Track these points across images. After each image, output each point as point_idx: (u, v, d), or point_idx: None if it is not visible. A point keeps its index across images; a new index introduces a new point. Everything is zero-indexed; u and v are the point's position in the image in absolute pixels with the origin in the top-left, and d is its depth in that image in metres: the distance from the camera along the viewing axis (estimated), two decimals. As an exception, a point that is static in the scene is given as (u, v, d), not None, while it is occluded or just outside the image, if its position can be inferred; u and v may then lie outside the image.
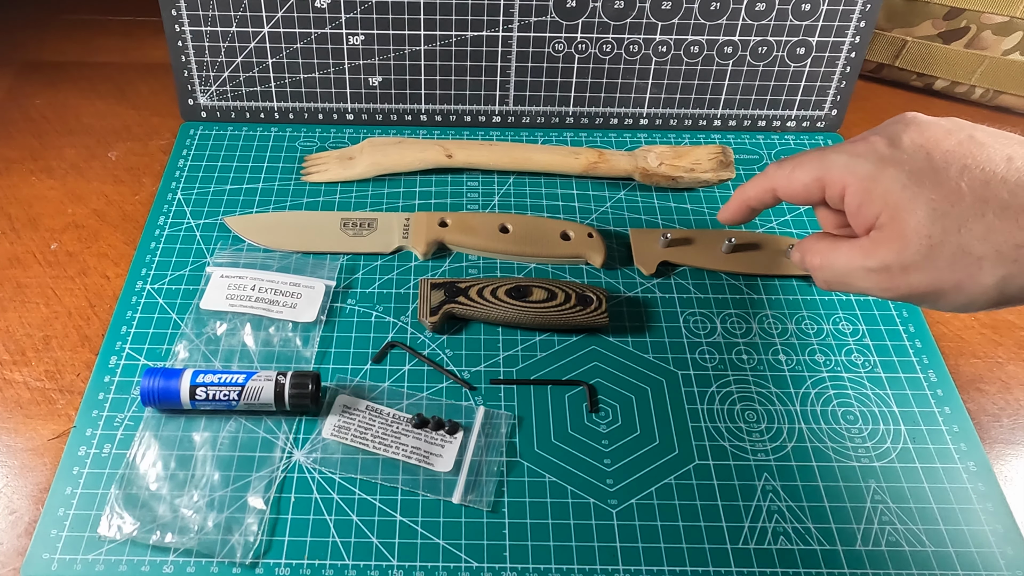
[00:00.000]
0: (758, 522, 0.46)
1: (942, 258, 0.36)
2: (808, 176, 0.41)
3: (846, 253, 0.40)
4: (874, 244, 0.38)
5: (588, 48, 0.65)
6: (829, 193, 0.40)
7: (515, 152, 0.64)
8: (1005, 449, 0.50)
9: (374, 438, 0.48)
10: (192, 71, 0.66)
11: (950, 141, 0.37)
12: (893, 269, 0.37)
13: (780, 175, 0.43)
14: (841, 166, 0.39)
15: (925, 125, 0.39)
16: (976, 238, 0.35)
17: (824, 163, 0.40)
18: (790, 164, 0.42)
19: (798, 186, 0.42)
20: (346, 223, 0.60)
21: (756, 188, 0.45)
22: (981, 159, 0.36)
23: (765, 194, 0.44)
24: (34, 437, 0.49)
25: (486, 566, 0.44)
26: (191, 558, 0.43)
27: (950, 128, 0.38)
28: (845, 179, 0.39)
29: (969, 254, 0.35)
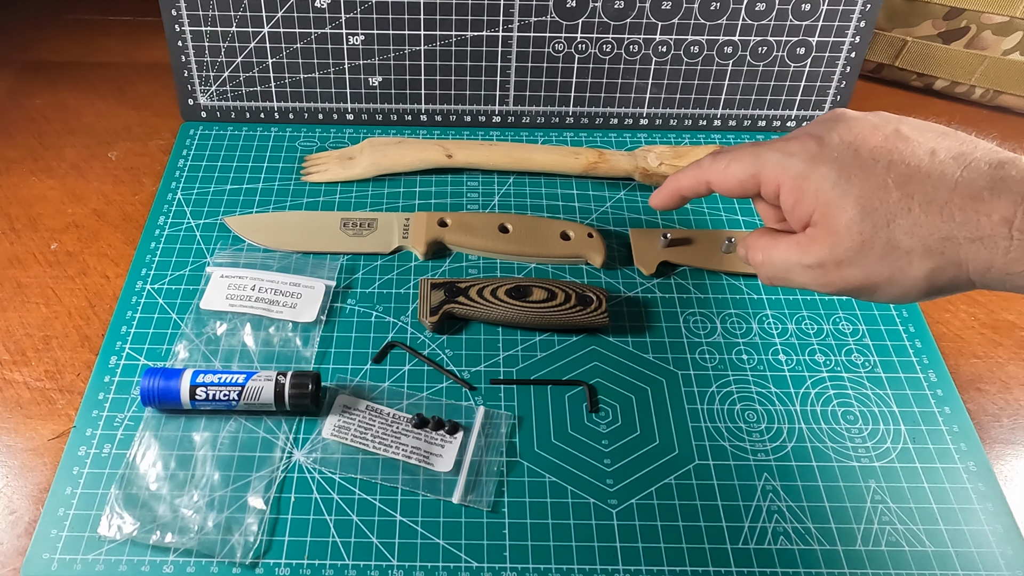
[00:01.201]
0: (758, 522, 0.46)
1: (873, 253, 0.37)
2: (743, 172, 0.41)
3: (784, 249, 0.40)
4: (809, 241, 0.39)
5: (588, 48, 0.65)
6: (764, 190, 0.41)
7: (515, 152, 0.64)
8: (1005, 449, 0.50)
9: (374, 438, 0.48)
10: (192, 71, 0.66)
11: (877, 137, 0.38)
12: (828, 265, 0.38)
13: (715, 169, 0.43)
14: (775, 164, 0.40)
15: (853, 121, 0.39)
16: (904, 232, 0.36)
17: (759, 160, 0.41)
18: (725, 159, 0.42)
19: (733, 182, 0.42)
20: (346, 223, 0.60)
21: (690, 179, 0.45)
22: (906, 154, 0.37)
23: (699, 186, 0.44)
24: (34, 437, 0.49)
25: (486, 566, 0.44)
26: (191, 558, 0.43)
27: (877, 123, 0.39)
28: (779, 177, 0.40)
29: (898, 248, 0.36)
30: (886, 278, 0.37)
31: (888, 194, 0.36)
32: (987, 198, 0.34)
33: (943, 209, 0.35)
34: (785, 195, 0.40)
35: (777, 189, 0.40)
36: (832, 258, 0.38)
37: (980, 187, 0.35)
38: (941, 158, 0.36)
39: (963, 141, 0.37)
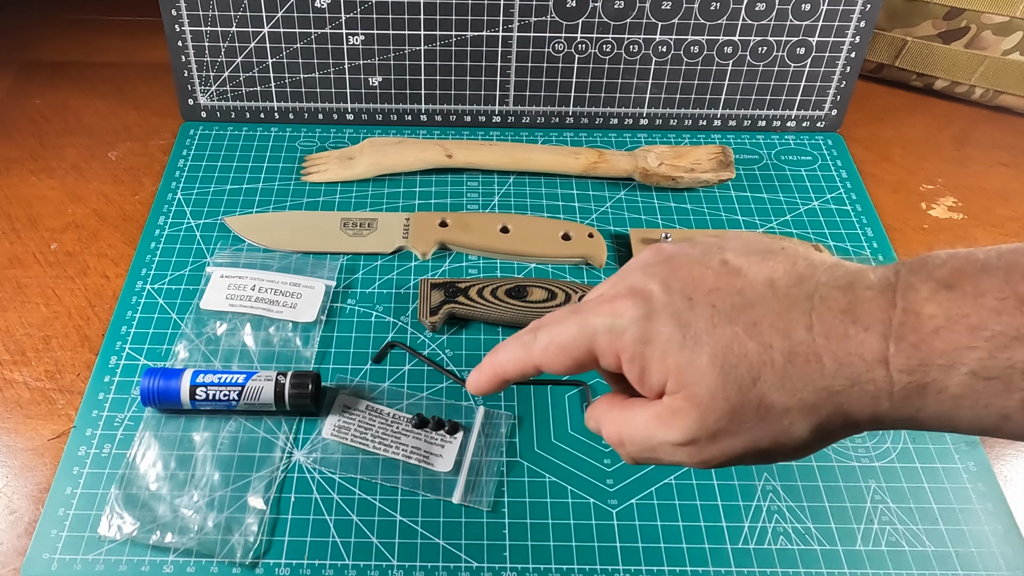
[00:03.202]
0: (758, 522, 0.46)
1: (748, 418, 0.31)
2: (575, 349, 0.34)
3: (644, 425, 0.34)
4: (671, 415, 0.33)
5: (588, 48, 0.65)
6: (603, 362, 0.34)
7: (515, 152, 0.64)
8: (1005, 449, 0.50)
9: (374, 438, 0.48)
10: (192, 71, 0.66)
11: (707, 277, 0.33)
12: (701, 440, 0.32)
13: (538, 350, 0.36)
14: (606, 331, 0.33)
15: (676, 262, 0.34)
16: (774, 389, 0.31)
17: (586, 330, 0.34)
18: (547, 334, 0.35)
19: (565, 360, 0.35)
20: (346, 223, 0.60)
21: (515, 364, 0.37)
22: (746, 292, 0.32)
23: (526, 370, 0.37)
24: (34, 437, 0.49)
25: (486, 566, 0.44)
26: (191, 558, 0.43)
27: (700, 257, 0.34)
28: (615, 346, 0.33)
29: (773, 408, 0.31)
30: (771, 441, 0.32)
31: (744, 346, 0.31)
32: (852, 335, 0.29)
33: (809, 357, 0.30)
34: (628, 365, 0.33)
35: (617, 359, 0.34)
36: (704, 432, 0.32)
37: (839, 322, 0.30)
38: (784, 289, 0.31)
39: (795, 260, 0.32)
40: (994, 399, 0.28)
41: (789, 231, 0.61)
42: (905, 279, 0.30)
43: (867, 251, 0.60)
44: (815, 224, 0.62)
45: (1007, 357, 0.27)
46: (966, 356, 0.28)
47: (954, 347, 0.28)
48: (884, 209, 0.64)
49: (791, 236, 0.60)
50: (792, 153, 0.67)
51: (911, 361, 0.29)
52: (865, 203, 0.63)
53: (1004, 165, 0.68)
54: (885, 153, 0.69)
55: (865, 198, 0.64)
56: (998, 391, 0.28)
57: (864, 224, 0.62)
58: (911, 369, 0.29)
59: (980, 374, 0.28)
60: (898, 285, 0.30)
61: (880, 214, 0.63)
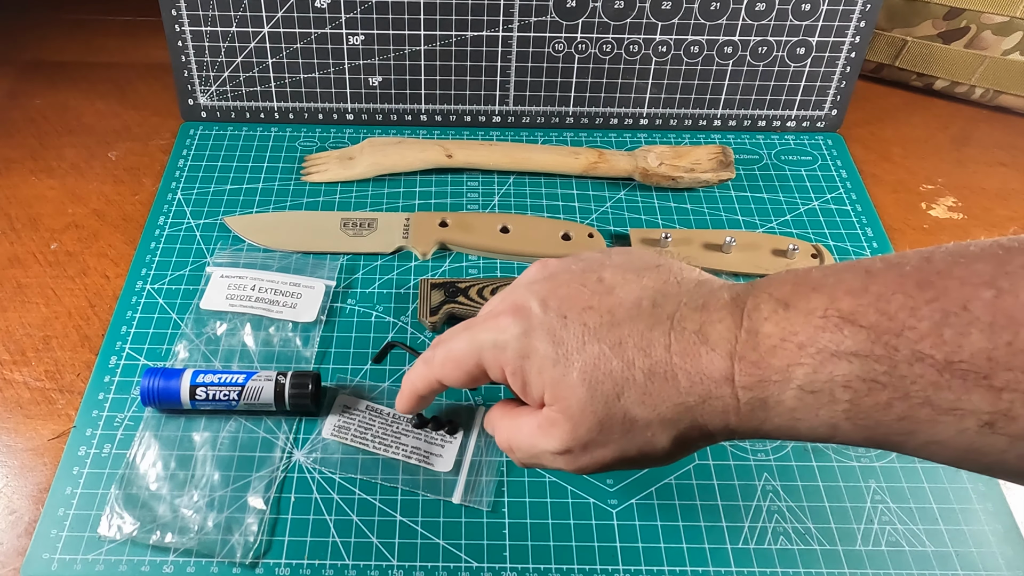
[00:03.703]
0: (758, 522, 0.46)
1: (615, 430, 0.34)
2: (467, 362, 0.37)
3: (528, 434, 0.37)
4: (549, 424, 0.35)
5: (588, 48, 0.65)
6: (492, 375, 0.37)
7: (515, 152, 0.64)
8: (1005, 449, 0.50)
9: (374, 438, 0.48)
10: (192, 71, 0.66)
11: (583, 294, 0.35)
12: (575, 450, 0.35)
13: (436, 365, 0.39)
14: (491, 346, 0.36)
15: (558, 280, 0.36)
16: (636, 404, 0.33)
17: (475, 345, 0.37)
18: (443, 350, 0.39)
19: (459, 374, 0.38)
20: (346, 223, 0.60)
21: (422, 380, 0.41)
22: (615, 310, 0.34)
23: (431, 385, 0.41)
24: (34, 437, 0.49)
25: (486, 566, 0.44)
26: (191, 558, 0.43)
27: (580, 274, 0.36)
28: (499, 360, 0.36)
29: (636, 422, 0.33)
30: (637, 451, 0.34)
31: (609, 364, 0.33)
32: (704, 354, 0.31)
33: (667, 375, 0.32)
34: (511, 378, 0.36)
35: (502, 372, 0.36)
36: (576, 442, 0.35)
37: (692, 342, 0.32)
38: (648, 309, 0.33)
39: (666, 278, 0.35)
40: (821, 410, 0.30)
41: (789, 231, 0.61)
42: (752, 299, 0.32)
43: (867, 251, 0.60)
44: (815, 224, 0.62)
45: (828, 372, 0.29)
46: (796, 372, 0.30)
47: (787, 363, 0.30)
48: (884, 209, 0.64)
49: (791, 236, 0.60)
50: (792, 153, 0.67)
51: (751, 378, 0.31)
52: (865, 203, 0.63)
53: (1004, 165, 0.68)
54: (885, 153, 0.69)
55: (865, 198, 0.64)
56: (823, 403, 0.30)
57: (864, 224, 0.62)
58: (752, 385, 0.31)
59: (806, 388, 0.30)
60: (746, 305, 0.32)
61: (880, 214, 0.63)
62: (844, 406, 0.29)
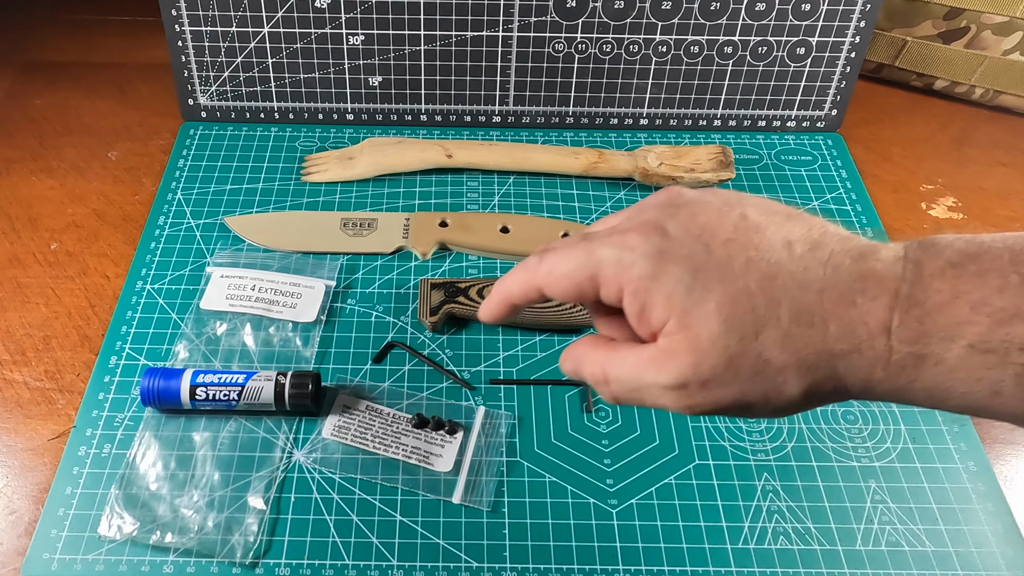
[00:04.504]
0: (758, 522, 0.46)
1: (743, 370, 0.32)
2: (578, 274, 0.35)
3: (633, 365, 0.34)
4: (666, 356, 0.33)
5: (588, 48, 0.65)
6: (604, 293, 0.34)
7: (515, 152, 0.64)
8: (1005, 449, 0.50)
9: (374, 438, 0.48)
10: (192, 71, 0.66)
11: (726, 226, 0.33)
12: (692, 386, 0.33)
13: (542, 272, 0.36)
14: (613, 262, 0.34)
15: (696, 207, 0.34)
16: (775, 346, 0.31)
17: (593, 258, 0.34)
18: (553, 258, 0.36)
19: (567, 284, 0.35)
20: (346, 223, 0.60)
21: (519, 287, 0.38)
22: (763, 247, 0.32)
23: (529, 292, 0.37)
24: (34, 437, 0.49)
25: (486, 566, 0.44)
26: (191, 558, 0.43)
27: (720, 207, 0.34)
28: (620, 278, 0.33)
29: (770, 364, 0.32)
30: (760, 397, 0.32)
31: (752, 300, 0.32)
32: (860, 303, 0.30)
33: (815, 319, 0.31)
34: (630, 299, 0.33)
35: (619, 292, 0.34)
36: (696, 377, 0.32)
37: (849, 289, 0.31)
38: (799, 251, 0.32)
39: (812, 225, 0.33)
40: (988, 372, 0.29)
41: (789, 231, 0.61)
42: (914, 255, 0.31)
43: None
44: (815, 224, 0.61)
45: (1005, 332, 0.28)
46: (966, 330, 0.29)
47: (956, 322, 0.29)
48: (884, 209, 0.64)
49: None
50: (792, 153, 0.67)
51: (912, 332, 0.30)
52: (865, 203, 0.63)
53: (1004, 165, 0.68)
54: (885, 153, 0.69)
55: (865, 198, 0.64)
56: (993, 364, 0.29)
57: (864, 224, 0.62)
58: (911, 340, 0.30)
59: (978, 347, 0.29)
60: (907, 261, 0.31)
61: (880, 214, 0.63)
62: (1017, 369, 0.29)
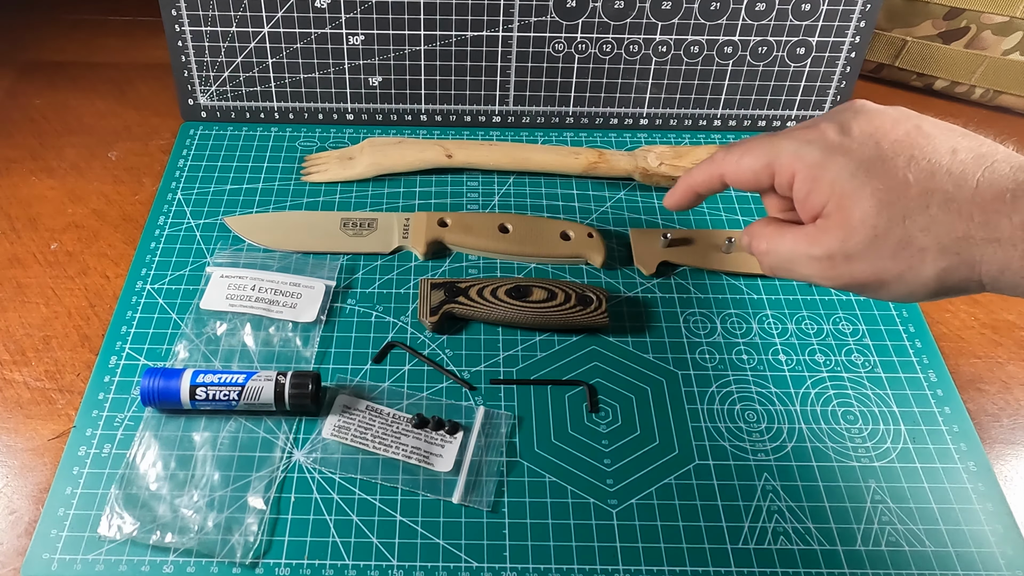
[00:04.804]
0: (758, 522, 0.46)
1: (886, 248, 0.36)
2: (757, 163, 0.41)
3: (791, 240, 0.40)
4: (819, 232, 0.38)
5: (588, 48, 0.65)
6: (778, 180, 0.40)
7: (515, 152, 0.64)
8: (1005, 449, 0.50)
9: (374, 438, 0.48)
10: (192, 71, 0.66)
11: (898, 131, 0.37)
12: (836, 258, 0.38)
13: (728, 161, 0.42)
14: (791, 153, 0.39)
15: (874, 114, 0.39)
16: (919, 229, 0.35)
17: (774, 149, 0.40)
18: (739, 150, 0.42)
19: (747, 173, 0.41)
20: (346, 223, 0.60)
21: (703, 174, 0.44)
22: (928, 150, 0.36)
23: (712, 180, 0.44)
24: (34, 437, 0.49)
25: (486, 566, 0.44)
26: (191, 558, 0.43)
27: (898, 117, 0.38)
28: (794, 166, 0.39)
29: (911, 245, 0.36)
30: (895, 275, 0.37)
31: (907, 190, 0.36)
32: (1009, 200, 0.34)
33: (962, 208, 0.35)
34: (799, 184, 0.39)
35: (791, 178, 0.39)
36: (842, 251, 0.38)
37: (1002, 188, 0.34)
38: (962, 157, 0.36)
39: (983, 143, 0.37)
40: None
41: (789, 231, 0.61)
42: None
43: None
44: (815, 224, 0.62)
45: None
46: None
47: None
48: (884, 209, 0.64)
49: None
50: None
51: None
52: (865, 203, 0.63)
53: (1004, 165, 0.68)
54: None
55: (865, 198, 0.64)
56: None
57: (864, 224, 0.62)
58: None
59: None
60: None
61: (880, 214, 0.63)
62: None
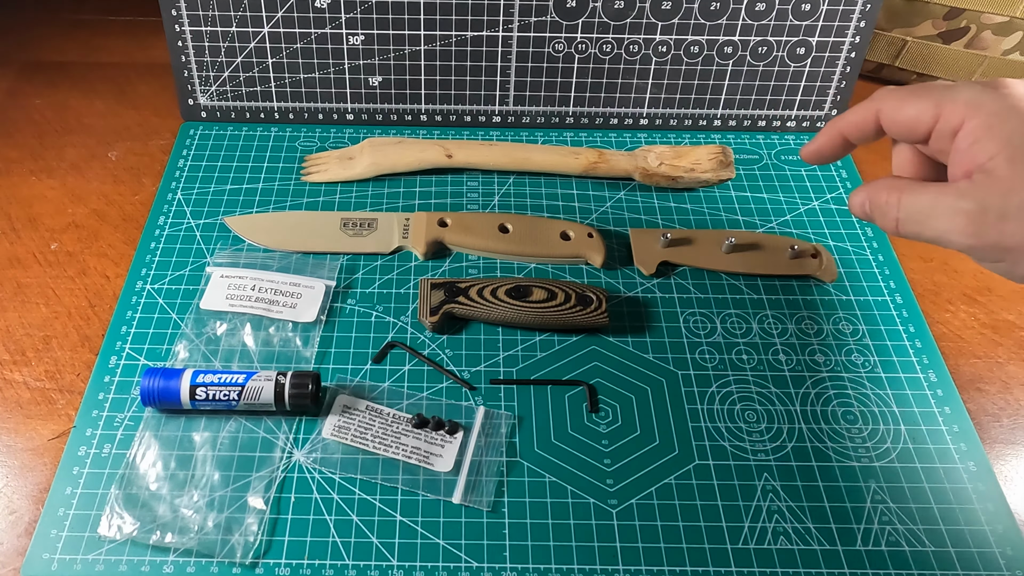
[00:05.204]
0: (758, 522, 0.46)
1: None
2: (925, 103, 0.38)
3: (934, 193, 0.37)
4: (974, 186, 0.36)
5: (588, 48, 0.65)
6: (941, 125, 0.38)
7: (515, 152, 0.64)
8: (1005, 449, 0.50)
9: (374, 438, 0.48)
10: (192, 71, 0.66)
11: None
12: (990, 213, 0.35)
13: (891, 98, 0.40)
14: (967, 99, 0.37)
15: None
16: None
17: (947, 93, 0.38)
18: (904, 90, 0.40)
19: (910, 112, 0.39)
20: (346, 223, 0.60)
21: (857, 114, 0.41)
22: None
23: (867, 119, 0.41)
24: (34, 437, 0.49)
25: (486, 566, 0.44)
26: (191, 558, 0.43)
27: None
28: (967, 112, 0.37)
29: None
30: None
31: None
32: None
33: None
34: (967, 131, 0.37)
35: (958, 124, 0.37)
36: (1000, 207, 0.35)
37: None
38: None
39: None
40: None
41: (789, 231, 0.61)
42: None
43: (867, 251, 0.60)
44: (815, 224, 0.62)
45: None
46: None
47: None
48: (884, 209, 0.64)
49: (791, 236, 0.60)
50: (792, 153, 0.67)
51: None
52: (865, 203, 0.63)
53: (1004, 165, 0.68)
54: (885, 153, 0.69)
55: (865, 198, 0.64)
56: None
57: (864, 224, 0.62)
58: None
59: None
60: None
61: (880, 214, 0.63)
62: None
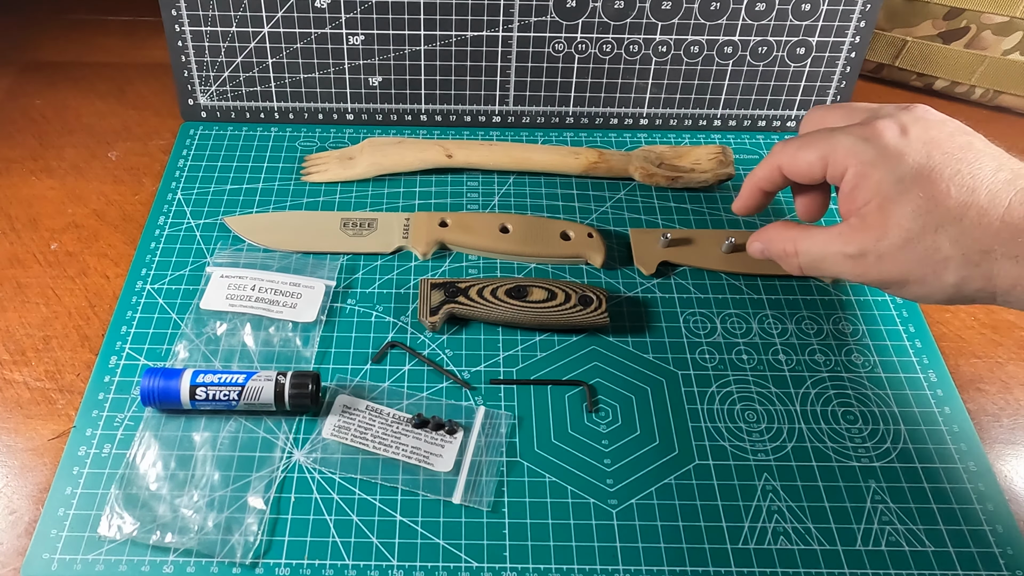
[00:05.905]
0: (758, 522, 0.46)
1: (914, 253, 0.39)
2: (813, 154, 0.42)
3: (823, 239, 0.42)
4: (853, 231, 0.40)
5: (588, 48, 0.65)
6: (830, 172, 0.42)
7: (515, 152, 0.64)
8: (1005, 449, 0.50)
9: (374, 438, 0.48)
10: (192, 71, 0.66)
11: (952, 144, 0.39)
12: (869, 256, 0.40)
13: (785, 153, 0.44)
14: (847, 148, 0.41)
15: (933, 123, 0.41)
16: (949, 240, 0.38)
17: (830, 143, 0.42)
18: (796, 143, 0.44)
19: (803, 164, 0.43)
20: (346, 223, 0.60)
21: (763, 170, 0.46)
22: (974, 167, 0.38)
23: (772, 173, 0.45)
24: (34, 437, 0.49)
25: (486, 566, 0.44)
26: (191, 558, 0.43)
27: (954, 131, 0.40)
28: (848, 160, 0.41)
29: (938, 252, 0.38)
30: (918, 278, 0.39)
31: (946, 201, 0.38)
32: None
33: (991, 224, 0.37)
34: (848, 178, 0.41)
35: (843, 172, 0.41)
36: (874, 250, 0.40)
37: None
38: (1003, 177, 0.38)
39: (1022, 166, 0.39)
40: None
41: (789, 231, 0.61)
42: None
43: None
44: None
45: None
46: None
47: None
48: (884, 209, 0.64)
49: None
50: (792, 153, 0.67)
51: None
52: (865, 203, 0.63)
53: (1004, 165, 0.68)
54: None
55: (865, 198, 0.64)
56: None
57: (864, 224, 0.62)
58: None
59: None
60: None
61: (880, 214, 0.63)
62: None
